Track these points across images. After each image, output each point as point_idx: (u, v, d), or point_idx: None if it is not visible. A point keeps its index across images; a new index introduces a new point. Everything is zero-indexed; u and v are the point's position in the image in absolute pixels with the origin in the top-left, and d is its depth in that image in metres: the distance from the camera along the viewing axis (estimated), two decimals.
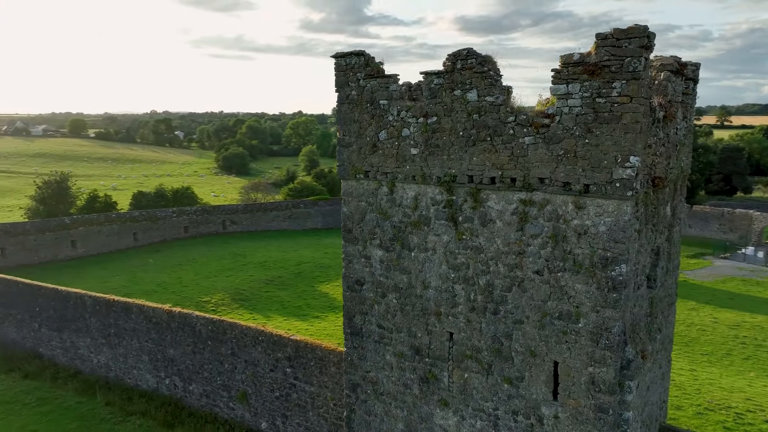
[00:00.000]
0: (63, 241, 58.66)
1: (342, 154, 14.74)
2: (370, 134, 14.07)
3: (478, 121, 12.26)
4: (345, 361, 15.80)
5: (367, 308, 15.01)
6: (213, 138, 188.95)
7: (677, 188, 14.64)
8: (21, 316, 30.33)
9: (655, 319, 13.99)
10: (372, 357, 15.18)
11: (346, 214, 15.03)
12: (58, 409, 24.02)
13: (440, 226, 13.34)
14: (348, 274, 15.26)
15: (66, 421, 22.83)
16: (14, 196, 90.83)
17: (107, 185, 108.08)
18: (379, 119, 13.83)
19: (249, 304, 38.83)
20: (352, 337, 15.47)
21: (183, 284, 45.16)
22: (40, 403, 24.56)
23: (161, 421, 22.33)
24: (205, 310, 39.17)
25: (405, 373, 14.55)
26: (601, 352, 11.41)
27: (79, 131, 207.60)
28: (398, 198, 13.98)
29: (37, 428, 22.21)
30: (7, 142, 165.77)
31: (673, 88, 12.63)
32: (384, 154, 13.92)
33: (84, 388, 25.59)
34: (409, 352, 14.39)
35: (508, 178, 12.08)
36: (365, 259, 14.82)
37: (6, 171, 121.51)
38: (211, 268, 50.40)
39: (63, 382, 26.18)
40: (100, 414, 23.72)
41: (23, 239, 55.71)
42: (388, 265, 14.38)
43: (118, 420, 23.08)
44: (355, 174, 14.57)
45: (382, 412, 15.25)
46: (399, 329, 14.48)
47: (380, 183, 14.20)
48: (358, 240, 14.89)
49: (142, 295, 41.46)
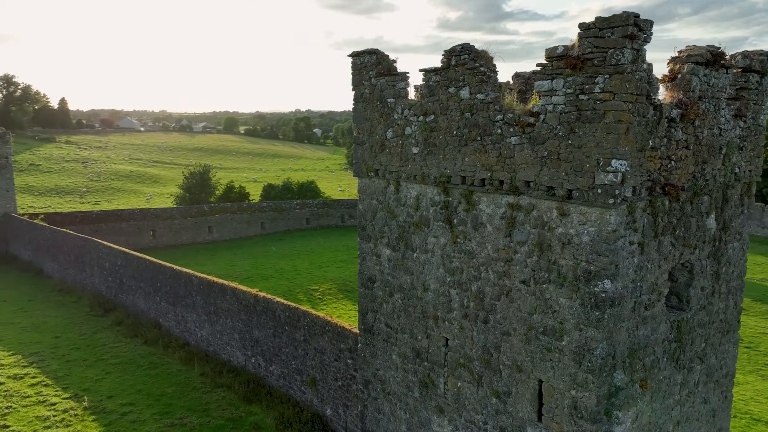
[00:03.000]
0: (201, 226, 65.82)
1: (356, 152, 14.92)
2: (379, 132, 14.07)
3: (470, 119, 11.70)
4: (359, 357, 16.01)
5: (377, 306, 15.05)
6: (346, 135, 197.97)
7: (728, 197, 12.54)
8: (147, 290, 34.60)
9: (687, 346, 12.19)
10: (381, 355, 15.19)
11: (361, 211, 15.19)
12: (163, 374, 27.07)
13: (438, 227, 12.96)
14: (362, 271, 15.42)
15: (165, 386, 25.68)
16: (171, 185, 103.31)
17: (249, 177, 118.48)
18: (387, 117, 13.78)
19: (353, 295, 40.30)
20: (365, 334, 15.61)
21: (297, 272, 48.40)
22: (150, 366, 27.89)
23: (242, 395, 24.10)
24: (313, 298, 41.59)
25: (408, 375, 14.38)
26: (584, 375, 10.31)
27: (231, 128, 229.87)
28: (403, 197, 13.83)
29: (143, 388, 25.27)
30: (173, 138, 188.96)
31: (704, 81, 10.90)
32: (390, 153, 13.85)
33: (188, 358, 28.50)
34: (411, 354, 14.19)
35: (496, 180, 11.39)
36: (376, 257, 14.87)
37: (169, 162, 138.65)
38: (325, 259, 53.34)
39: (172, 351, 29.39)
40: (193, 383, 26.27)
41: (170, 223, 63.58)
42: (395, 264, 14.29)
43: (207, 390, 25.37)
44: (367, 172, 14.67)
45: (389, 412, 15.22)
46: (403, 330, 14.33)
47: (388, 182, 14.15)
48: (371, 238, 14.98)
49: (260, 279, 45.22)
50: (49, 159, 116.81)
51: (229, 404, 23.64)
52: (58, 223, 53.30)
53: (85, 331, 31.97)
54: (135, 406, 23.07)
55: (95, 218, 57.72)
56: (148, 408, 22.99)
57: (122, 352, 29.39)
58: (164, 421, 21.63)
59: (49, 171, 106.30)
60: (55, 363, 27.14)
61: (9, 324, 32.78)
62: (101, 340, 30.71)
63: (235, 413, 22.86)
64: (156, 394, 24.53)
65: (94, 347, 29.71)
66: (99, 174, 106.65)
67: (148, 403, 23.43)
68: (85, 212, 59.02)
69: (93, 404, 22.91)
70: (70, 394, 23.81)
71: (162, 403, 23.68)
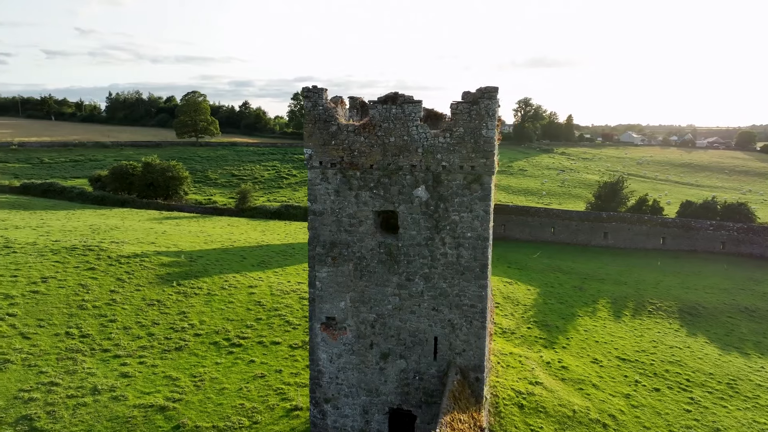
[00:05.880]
0: (597, 230, 74.50)
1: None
2: None
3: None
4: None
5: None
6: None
7: (440, 180, 17.67)
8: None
9: (401, 262, 18.40)
10: None
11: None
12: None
13: None
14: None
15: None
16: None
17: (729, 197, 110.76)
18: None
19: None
20: None
21: (650, 287, 53.47)
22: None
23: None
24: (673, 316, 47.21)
25: None
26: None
27: (746, 144, 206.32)
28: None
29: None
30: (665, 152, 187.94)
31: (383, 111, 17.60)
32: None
33: None
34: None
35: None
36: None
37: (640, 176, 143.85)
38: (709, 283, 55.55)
39: None
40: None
41: (568, 223, 75.24)
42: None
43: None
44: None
45: None
46: None
47: None
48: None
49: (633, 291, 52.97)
50: (536, 166, 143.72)
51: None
52: None
53: None
54: None
55: (510, 210, 75.06)
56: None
57: None
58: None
59: (530, 175, 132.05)
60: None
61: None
62: None
63: None
64: None
65: None
66: (564, 181, 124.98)
67: None
68: (503, 205, 77.20)
69: None
70: None
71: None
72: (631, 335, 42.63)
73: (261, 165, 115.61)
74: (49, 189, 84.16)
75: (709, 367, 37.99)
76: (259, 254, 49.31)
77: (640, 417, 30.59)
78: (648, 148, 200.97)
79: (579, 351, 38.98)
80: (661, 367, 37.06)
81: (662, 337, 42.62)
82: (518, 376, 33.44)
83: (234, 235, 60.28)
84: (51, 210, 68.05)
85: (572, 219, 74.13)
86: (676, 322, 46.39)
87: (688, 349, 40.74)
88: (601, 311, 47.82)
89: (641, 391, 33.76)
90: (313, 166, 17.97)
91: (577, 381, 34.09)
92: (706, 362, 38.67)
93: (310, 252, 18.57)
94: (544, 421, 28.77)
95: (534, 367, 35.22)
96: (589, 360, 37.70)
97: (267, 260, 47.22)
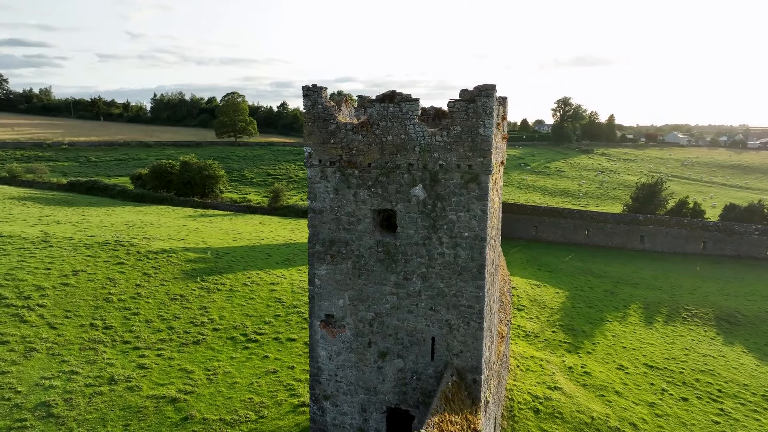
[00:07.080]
0: (633, 233, 72.14)
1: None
2: None
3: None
4: None
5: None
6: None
7: (437, 179, 17.45)
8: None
9: (398, 261, 18.28)
10: None
11: None
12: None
13: None
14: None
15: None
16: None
17: None
18: None
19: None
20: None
21: (687, 293, 51.78)
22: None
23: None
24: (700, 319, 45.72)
25: None
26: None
27: None
28: None
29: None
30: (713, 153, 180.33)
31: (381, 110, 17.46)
32: None
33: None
34: None
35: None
36: None
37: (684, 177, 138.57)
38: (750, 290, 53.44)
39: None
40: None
41: (602, 226, 73.15)
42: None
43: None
44: None
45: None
46: None
47: None
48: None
49: (654, 291, 51.31)
50: (574, 167, 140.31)
51: None
52: (515, 211, 72.32)
53: None
54: None
55: (542, 212, 73.59)
56: None
57: None
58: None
59: (568, 177, 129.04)
60: None
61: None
62: None
63: None
64: None
65: None
66: (602, 182, 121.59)
67: None
68: (535, 206, 75.75)
69: None
70: None
71: None
72: (662, 342, 41.10)
73: (296, 164, 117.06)
74: (93, 186, 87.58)
75: (743, 377, 36.22)
76: (285, 252, 49.93)
77: (663, 427, 29.45)
78: (694, 148, 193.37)
79: (604, 357, 37.86)
80: (691, 376, 35.60)
81: (695, 345, 40.92)
82: (537, 380, 32.71)
83: (263, 233, 61.25)
84: (93, 206, 70.78)
85: (607, 221, 72.03)
86: (712, 330, 44.47)
87: (723, 358, 38.96)
88: (632, 316, 46.30)
89: (667, 400, 32.50)
90: (312, 164, 18.08)
91: (599, 387, 33.11)
92: (741, 372, 36.90)
93: (309, 250, 18.67)
94: (560, 426, 28.06)
95: (554, 371, 34.37)
96: (614, 366, 36.56)
97: (292, 258, 47.76)
